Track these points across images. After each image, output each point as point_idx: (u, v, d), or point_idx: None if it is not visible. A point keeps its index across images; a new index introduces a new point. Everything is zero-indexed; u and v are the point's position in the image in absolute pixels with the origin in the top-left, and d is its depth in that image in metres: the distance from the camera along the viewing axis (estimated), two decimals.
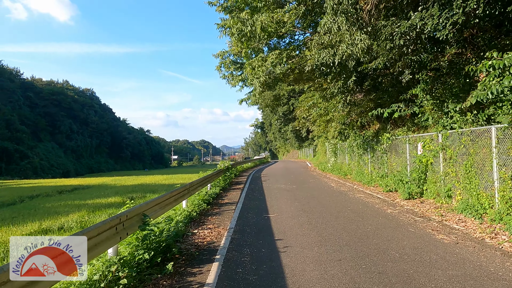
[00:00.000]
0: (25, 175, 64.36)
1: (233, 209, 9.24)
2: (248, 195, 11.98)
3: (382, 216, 7.62)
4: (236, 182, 17.39)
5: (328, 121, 21.74)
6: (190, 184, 8.71)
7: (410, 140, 11.02)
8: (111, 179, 39.45)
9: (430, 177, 9.81)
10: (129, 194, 18.24)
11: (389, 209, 8.48)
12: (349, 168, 19.10)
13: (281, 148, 73.23)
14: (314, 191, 12.40)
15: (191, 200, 9.55)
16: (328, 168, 22.93)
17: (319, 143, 39.86)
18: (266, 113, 64.90)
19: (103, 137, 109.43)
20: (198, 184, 9.83)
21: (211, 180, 12.89)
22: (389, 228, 6.49)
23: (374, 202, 9.55)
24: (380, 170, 14.09)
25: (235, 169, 21.64)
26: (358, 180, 15.57)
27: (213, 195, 11.43)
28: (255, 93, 11.89)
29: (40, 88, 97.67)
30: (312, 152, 47.36)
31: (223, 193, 12.79)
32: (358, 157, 17.42)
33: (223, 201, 10.87)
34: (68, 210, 13.64)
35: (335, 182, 15.64)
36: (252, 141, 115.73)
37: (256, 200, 10.58)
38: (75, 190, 26.45)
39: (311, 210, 8.55)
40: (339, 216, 7.69)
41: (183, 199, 8.04)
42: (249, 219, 7.68)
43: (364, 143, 16.16)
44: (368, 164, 15.75)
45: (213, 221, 7.70)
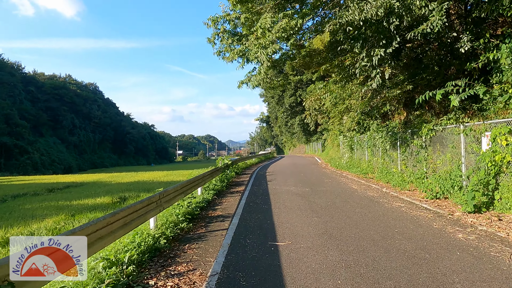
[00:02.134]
0: (25, 171, 62.62)
1: (225, 228, 6.47)
2: (249, 202, 9.20)
3: (456, 247, 4.78)
4: (236, 182, 14.63)
5: (344, 111, 18.79)
6: (161, 195, 5.95)
7: (467, 131, 8.11)
8: (108, 175, 37.47)
9: (505, 182, 6.93)
10: (121, 193, 16.26)
11: (457, 231, 5.64)
12: (369, 165, 16.20)
13: (287, 143, 70.27)
14: (334, 197, 9.58)
15: (167, 213, 6.83)
16: (342, 165, 20.01)
17: (329, 136, 36.84)
18: (272, 106, 61.87)
19: (106, 132, 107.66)
20: (177, 192, 7.08)
21: (202, 182, 10.14)
22: (488, 280, 3.67)
23: (427, 218, 6.71)
24: (416, 169, 11.21)
25: (236, 167, 18.85)
26: (384, 181, 12.70)
27: (203, 203, 8.69)
28: (261, 71, 9.02)
29: (42, 82, 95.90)
30: (320, 147, 44.36)
31: (217, 199, 10.02)
32: (382, 152, 14.52)
33: (215, 212, 8.10)
34: (47, 213, 12.01)
35: (357, 183, 12.79)
36: (257, 135, 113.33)
37: (259, 212, 7.79)
38: (67, 188, 24.69)
39: (340, 233, 5.74)
40: (388, 248, 4.86)
41: (147, 218, 5.29)
42: (246, 253, 4.90)
43: (392, 136, 13.25)
44: (397, 162, 12.85)
45: (189, 256, 4.94)
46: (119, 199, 15.41)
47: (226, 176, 14.25)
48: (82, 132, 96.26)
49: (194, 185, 8.91)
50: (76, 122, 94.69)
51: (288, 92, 50.05)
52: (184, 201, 7.60)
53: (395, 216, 6.92)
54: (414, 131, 11.30)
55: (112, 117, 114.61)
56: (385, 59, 7.96)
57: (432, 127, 9.82)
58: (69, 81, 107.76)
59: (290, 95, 49.77)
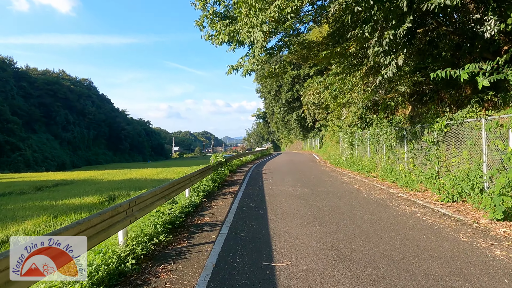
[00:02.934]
0: (16, 168, 61.20)
1: (212, 240, 5.42)
2: (242, 206, 8.15)
3: (501, 272, 3.76)
4: (229, 182, 13.57)
5: (344, 104, 17.74)
6: (131, 203, 4.86)
7: (492, 125, 7.09)
8: (100, 173, 36.58)
9: None
10: (111, 192, 15.69)
11: (492, 246, 4.63)
12: (372, 163, 15.21)
13: (284, 139, 69.25)
14: (337, 200, 8.56)
15: (144, 223, 5.77)
16: (342, 162, 19.00)
17: (327, 132, 35.82)
18: (269, 101, 60.69)
19: (100, 128, 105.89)
20: (156, 197, 5.99)
21: (190, 183, 9.07)
22: None
23: (449, 227, 5.70)
24: (426, 168, 10.21)
25: (230, 164, 17.77)
26: (389, 180, 11.72)
27: (189, 208, 7.62)
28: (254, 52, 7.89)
29: (34, 78, 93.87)
30: (318, 143, 43.42)
31: (206, 203, 8.94)
32: (387, 149, 13.52)
33: (202, 219, 7.04)
34: (29, 214, 11.50)
35: (360, 183, 11.79)
36: (254, 132, 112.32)
37: (253, 219, 6.75)
38: (55, 186, 23.88)
39: (350, 249, 4.70)
40: (415, 273, 3.81)
41: (110, 234, 4.21)
42: (234, 280, 3.84)
43: (399, 131, 12.24)
44: (404, 159, 11.85)
45: (161, 284, 3.88)
46: (108, 198, 14.72)
47: (219, 175, 13.19)
48: (76, 128, 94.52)
49: (179, 187, 7.83)
50: (69, 118, 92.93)
51: (285, 87, 48.90)
52: (166, 206, 6.53)
53: (412, 225, 5.90)
54: (424, 126, 10.30)
55: (107, 113, 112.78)
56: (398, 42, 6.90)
57: (446, 121, 8.81)
58: (63, 76, 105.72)
59: (287, 90, 48.61)
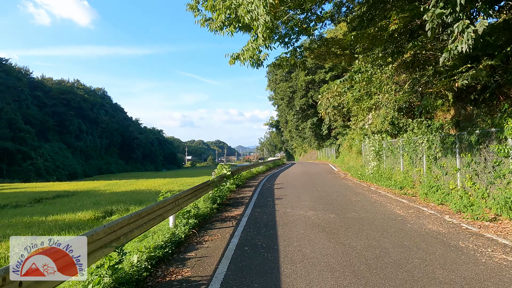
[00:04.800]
0: (27, 177, 60.60)
1: None
2: (243, 244, 5.72)
3: None
4: (234, 200, 11.17)
5: (370, 108, 15.18)
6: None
7: None
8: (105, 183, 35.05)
9: None
10: (109, 206, 14.39)
11: None
12: (406, 177, 12.55)
13: (297, 148, 66.55)
14: (380, 235, 6.03)
15: None
16: (367, 175, 16.32)
17: (345, 141, 33.07)
18: (282, 108, 58.40)
19: (113, 137, 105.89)
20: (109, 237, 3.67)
21: (176, 207, 6.73)
22: None
23: None
24: (494, 188, 7.57)
25: (237, 178, 15.37)
26: (435, 201, 9.11)
27: (165, 250, 5.25)
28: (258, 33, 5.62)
29: (49, 87, 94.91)
30: (334, 153, 40.57)
31: (195, 236, 6.50)
32: (428, 161, 10.90)
33: (180, 271, 4.61)
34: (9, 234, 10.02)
35: (398, 204, 9.20)
36: (267, 141, 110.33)
37: (257, 273, 4.30)
38: (54, 199, 22.46)
39: None
40: None
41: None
42: None
43: (445, 138, 9.63)
44: (456, 175, 9.19)
45: None
46: (104, 214, 13.08)
47: (221, 192, 10.83)
48: (88, 137, 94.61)
49: (157, 215, 5.50)
50: (82, 127, 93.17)
51: (299, 93, 46.51)
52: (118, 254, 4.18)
53: None
54: (486, 132, 7.70)
55: (120, 122, 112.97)
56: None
57: None
58: (78, 86, 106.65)
59: (301, 96, 46.19)
